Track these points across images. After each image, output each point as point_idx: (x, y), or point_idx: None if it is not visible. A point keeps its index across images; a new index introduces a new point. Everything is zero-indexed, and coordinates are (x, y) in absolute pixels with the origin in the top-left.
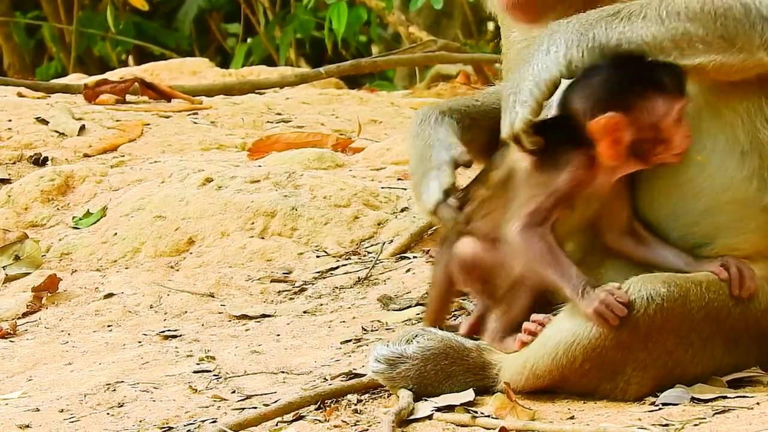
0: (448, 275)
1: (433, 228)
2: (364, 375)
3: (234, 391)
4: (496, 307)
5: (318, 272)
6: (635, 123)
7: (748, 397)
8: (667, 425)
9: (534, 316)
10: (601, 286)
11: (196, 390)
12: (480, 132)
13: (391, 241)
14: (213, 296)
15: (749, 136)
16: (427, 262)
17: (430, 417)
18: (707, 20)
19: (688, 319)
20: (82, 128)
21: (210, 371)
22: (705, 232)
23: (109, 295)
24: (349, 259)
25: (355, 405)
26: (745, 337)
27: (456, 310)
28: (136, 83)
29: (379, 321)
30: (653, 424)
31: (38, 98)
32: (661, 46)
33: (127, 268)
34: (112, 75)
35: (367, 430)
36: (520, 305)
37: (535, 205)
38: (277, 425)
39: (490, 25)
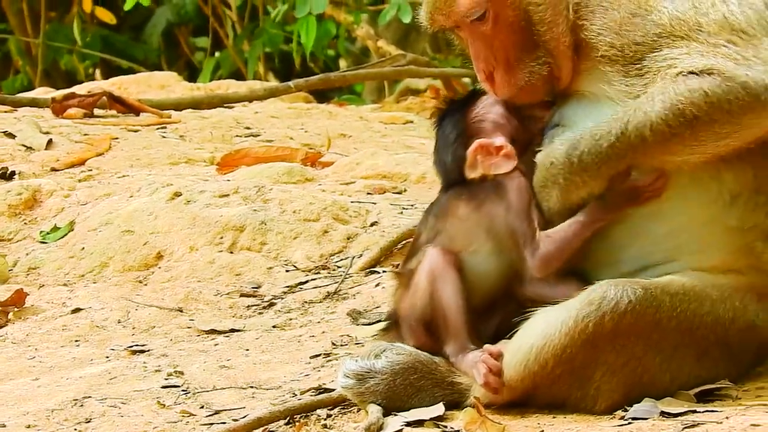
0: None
1: (403, 242)
2: (334, 390)
3: (203, 407)
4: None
5: (287, 286)
6: (498, 127)
7: (717, 411)
8: None
9: (487, 349)
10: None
11: (165, 405)
12: None
13: (361, 255)
14: (181, 311)
15: (711, 171)
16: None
17: None
18: (711, 115)
19: (659, 327)
20: (50, 142)
21: (178, 386)
22: (667, 253)
23: (77, 310)
24: (319, 273)
25: (325, 420)
26: (714, 349)
27: None
28: (103, 97)
29: (348, 335)
30: None
31: (5, 112)
32: (671, 151)
33: (94, 283)
34: (80, 89)
35: None
36: (457, 310)
37: (524, 235)
38: None
39: None
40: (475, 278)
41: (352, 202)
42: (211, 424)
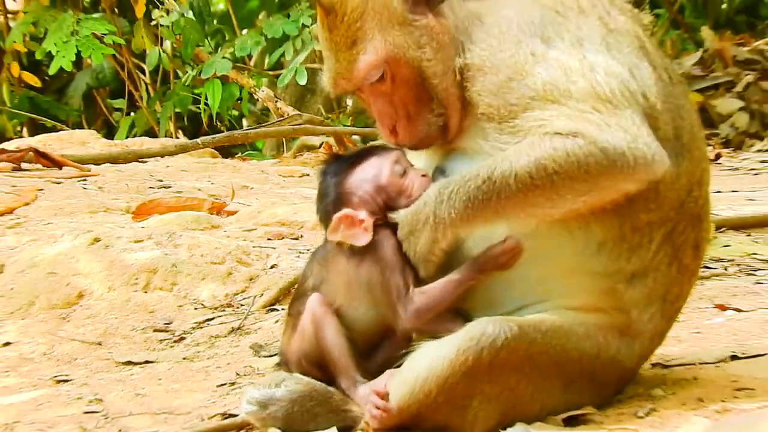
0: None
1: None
2: (238, 415)
3: (120, 430)
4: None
5: (196, 323)
6: (363, 203)
7: None
8: None
9: (375, 389)
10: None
11: (86, 430)
12: None
13: (262, 294)
14: (101, 344)
15: (580, 222)
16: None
17: None
18: (571, 172)
19: (531, 360)
20: None
21: (98, 412)
22: (540, 295)
23: (7, 344)
24: (224, 310)
25: None
26: (580, 379)
27: None
28: (30, 152)
29: (251, 366)
30: None
31: None
32: (535, 203)
33: (23, 319)
34: (8, 145)
35: None
36: (343, 349)
37: (397, 290)
38: None
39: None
40: (356, 325)
41: (253, 246)
42: None
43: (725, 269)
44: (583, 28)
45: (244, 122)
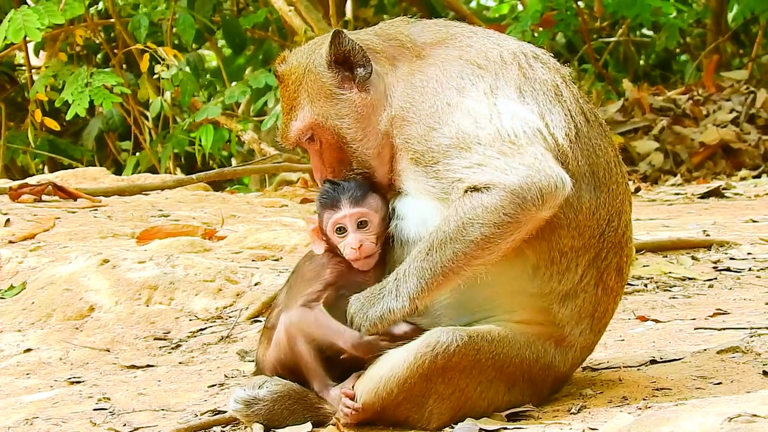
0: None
1: None
2: (226, 412)
3: (125, 425)
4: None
5: (190, 332)
6: (319, 231)
7: (523, 428)
8: None
9: (345, 392)
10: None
11: (96, 424)
12: None
13: (247, 308)
14: (109, 351)
15: (515, 249)
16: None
17: None
18: (495, 220)
19: (478, 365)
20: (8, 221)
21: (106, 409)
22: (487, 312)
23: (28, 350)
24: (215, 322)
25: None
26: (521, 381)
27: None
28: (49, 186)
29: (238, 370)
30: None
31: None
32: (475, 255)
33: (42, 329)
34: (31, 180)
35: None
36: (314, 360)
37: (310, 290)
38: None
39: None
40: None
41: (240, 267)
42: None
43: (645, 286)
44: (501, 78)
45: (233, 161)
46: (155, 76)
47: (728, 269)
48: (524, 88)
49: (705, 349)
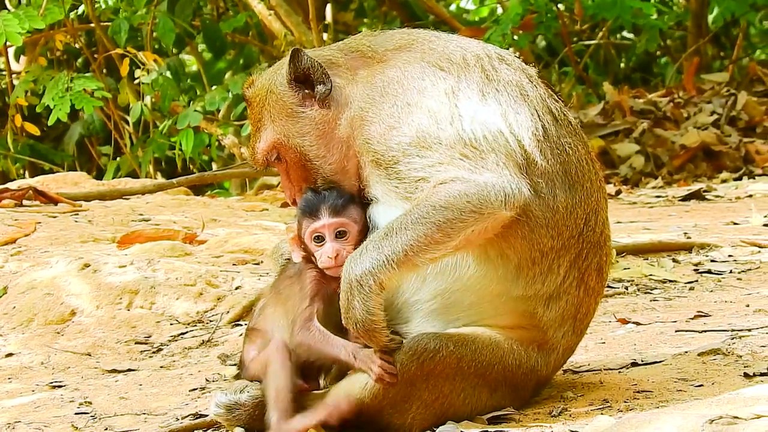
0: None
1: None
2: (207, 416)
3: (107, 429)
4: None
5: (171, 336)
6: (298, 239)
7: (504, 431)
8: None
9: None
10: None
11: (77, 428)
12: None
13: (228, 312)
14: (90, 355)
15: (498, 252)
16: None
17: None
18: (456, 209)
19: (461, 371)
20: None
21: (88, 413)
22: (472, 318)
23: (9, 354)
24: (196, 326)
25: None
26: (503, 386)
27: None
28: (30, 191)
29: (219, 374)
30: None
31: None
32: (435, 240)
33: (23, 334)
34: (12, 185)
35: None
36: (285, 389)
37: (301, 308)
38: None
39: None
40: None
41: (221, 271)
42: None
43: (626, 289)
44: (463, 80)
45: (213, 165)
46: (135, 81)
47: (709, 271)
48: (487, 90)
49: (686, 352)
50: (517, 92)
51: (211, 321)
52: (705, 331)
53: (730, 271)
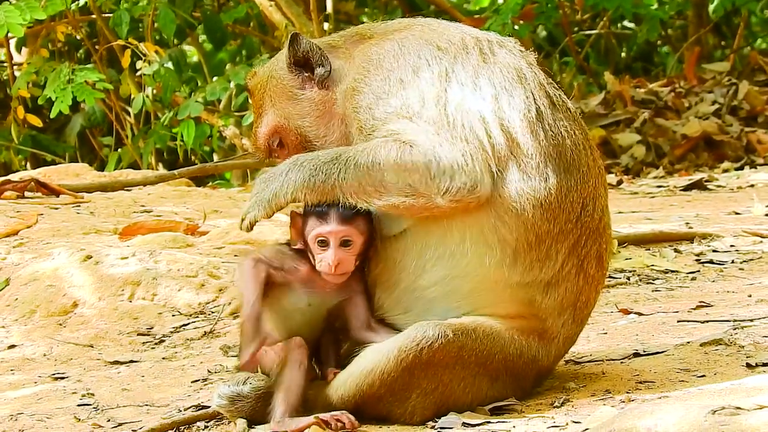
0: None
1: None
2: (210, 407)
3: (109, 420)
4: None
5: (174, 327)
6: (299, 233)
7: (506, 422)
8: None
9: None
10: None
11: (80, 419)
12: None
13: (230, 303)
14: (92, 346)
15: (495, 235)
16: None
17: None
18: (399, 171)
19: (461, 360)
20: None
21: (90, 405)
22: (471, 307)
23: (12, 346)
24: (198, 317)
25: (203, 430)
26: (504, 376)
27: None
28: (32, 182)
29: (221, 365)
30: None
31: None
32: (365, 190)
33: (25, 326)
34: (14, 176)
35: None
36: (297, 387)
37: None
38: None
39: None
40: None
41: (222, 262)
42: None
43: (627, 279)
44: (459, 62)
45: (214, 156)
46: (137, 72)
47: (711, 261)
48: (481, 72)
49: (688, 342)
50: (514, 74)
51: (213, 312)
52: (707, 322)
53: (732, 261)
